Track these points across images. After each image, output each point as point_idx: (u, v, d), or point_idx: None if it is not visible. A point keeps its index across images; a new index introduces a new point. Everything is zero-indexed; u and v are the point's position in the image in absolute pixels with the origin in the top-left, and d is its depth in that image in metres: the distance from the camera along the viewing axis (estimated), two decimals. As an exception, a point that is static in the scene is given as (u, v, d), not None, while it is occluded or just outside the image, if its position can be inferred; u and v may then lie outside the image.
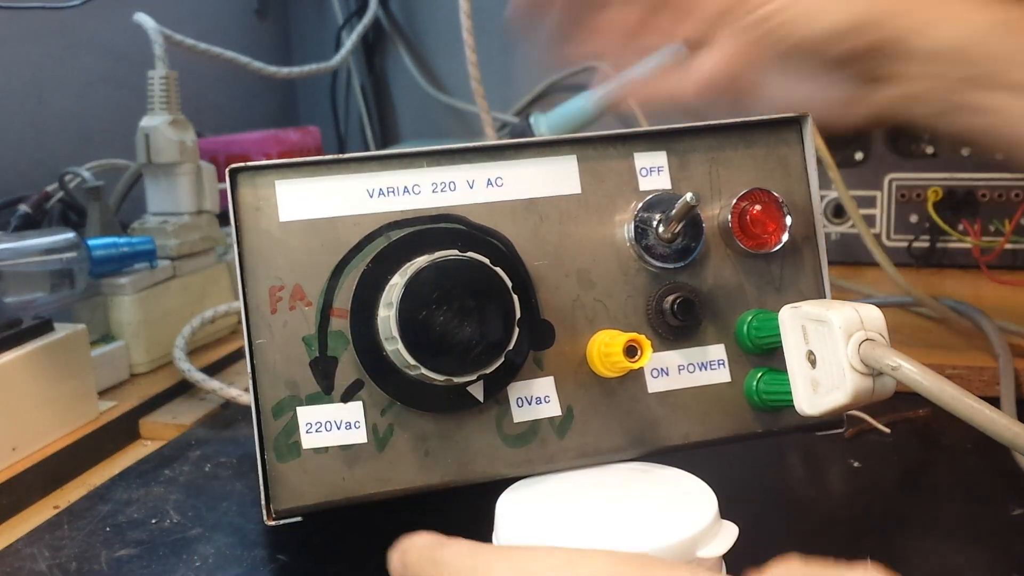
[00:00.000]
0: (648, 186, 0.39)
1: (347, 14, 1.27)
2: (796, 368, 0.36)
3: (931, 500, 0.51)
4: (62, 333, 0.59)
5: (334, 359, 0.36)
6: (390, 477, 0.36)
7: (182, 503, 0.52)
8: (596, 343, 0.37)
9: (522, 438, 0.37)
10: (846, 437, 0.58)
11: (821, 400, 0.35)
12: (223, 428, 0.62)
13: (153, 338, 0.71)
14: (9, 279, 0.62)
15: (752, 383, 0.39)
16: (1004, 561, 0.44)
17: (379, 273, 0.36)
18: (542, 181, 0.38)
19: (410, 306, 0.33)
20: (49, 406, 0.57)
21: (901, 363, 0.32)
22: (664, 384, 0.39)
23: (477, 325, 0.33)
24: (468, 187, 0.37)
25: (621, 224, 0.39)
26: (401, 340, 0.33)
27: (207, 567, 0.46)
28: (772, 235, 0.39)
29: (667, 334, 0.39)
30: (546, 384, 0.37)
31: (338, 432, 0.35)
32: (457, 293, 0.33)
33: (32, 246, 0.65)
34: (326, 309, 0.36)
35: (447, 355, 0.33)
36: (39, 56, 0.91)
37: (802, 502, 0.51)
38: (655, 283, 0.39)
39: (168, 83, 0.75)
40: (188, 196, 0.76)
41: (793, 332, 0.36)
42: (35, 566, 0.46)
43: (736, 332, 0.39)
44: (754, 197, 0.39)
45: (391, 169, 0.37)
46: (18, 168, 0.87)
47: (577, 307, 0.38)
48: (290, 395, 0.35)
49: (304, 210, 0.36)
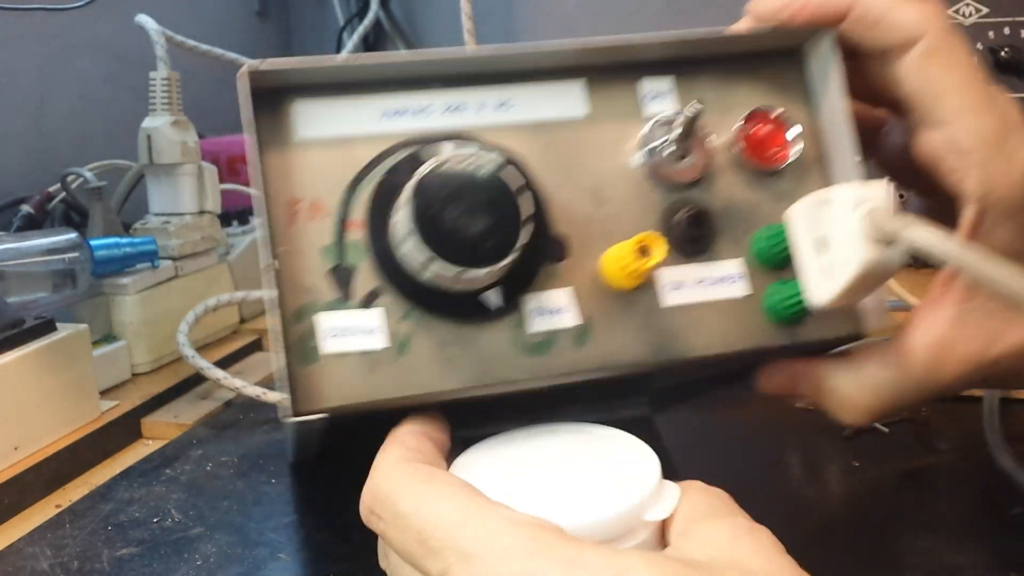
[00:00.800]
0: (655, 109, 0.40)
1: (348, 15, 1.28)
2: (807, 260, 0.36)
3: (930, 499, 0.51)
4: (64, 333, 0.59)
5: (352, 268, 0.36)
6: (411, 382, 0.36)
7: (184, 502, 0.52)
8: (610, 254, 0.38)
9: (540, 347, 0.37)
10: (845, 437, 0.58)
11: (833, 283, 0.35)
12: (224, 427, 0.63)
13: (155, 338, 0.71)
14: (11, 279, 0.63)
15: (769, 295, 0.39)
16: (1003, 560, 0.44)
17: (393, 185, 0.37)
18: (551, 104, 0.39)
19: (424, 201, 0.34)
20: (51, 405, 0.58)
21: (911, 224, 0.32)
22: (681, 298, 0.39)
23: (488, 220, 0.34)
24: (478, 109, 0.38)
25: (631, 144, 0.40)
26: (416, 232, 0.34)
27: (208, 566, 0.46)
28: (782, 151, 0.40)
29: (682, 248, 0.39)
30: (562, 296, 0.38)
31: (358, 337, 0.36)
32: (468, 190, 0.34)
33: (34, 246, 0.65)
34: (343, 221, 0.37)
35: (459, 247, 0.34)
36: (41, 57, 0.91)
37: (801, 501, 0.51)
38: (667, 200, 0.39)
39: (170, 84, 0.75)
40: (190, 197, 0.76)
41: (802, 223, 0.36)
42: (37, 565, 0.46)
43: (751, 247, 0.40)
44: (760, 116, 0.40)
45: (404, 91, 0.38)
46: (20, 169, 0.88)
47: (591, 223, 0.38)
48: (309, 301, 0.36)
49: (320, 129, 0.37)
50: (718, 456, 0.58)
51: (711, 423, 0.62)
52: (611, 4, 1.19)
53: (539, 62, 0.39)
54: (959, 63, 0.37)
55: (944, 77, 0.36)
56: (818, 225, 0.36)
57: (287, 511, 0.51)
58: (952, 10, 0.81)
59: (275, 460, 0.58)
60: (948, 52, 0.36)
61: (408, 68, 0.38)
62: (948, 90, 0.36)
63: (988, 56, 0.80)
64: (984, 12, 0.81)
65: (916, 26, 0.36)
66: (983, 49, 0.80)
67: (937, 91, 0.37)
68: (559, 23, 1.23)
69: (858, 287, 0.35)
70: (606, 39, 0.39)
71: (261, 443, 0.60)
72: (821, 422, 0.60)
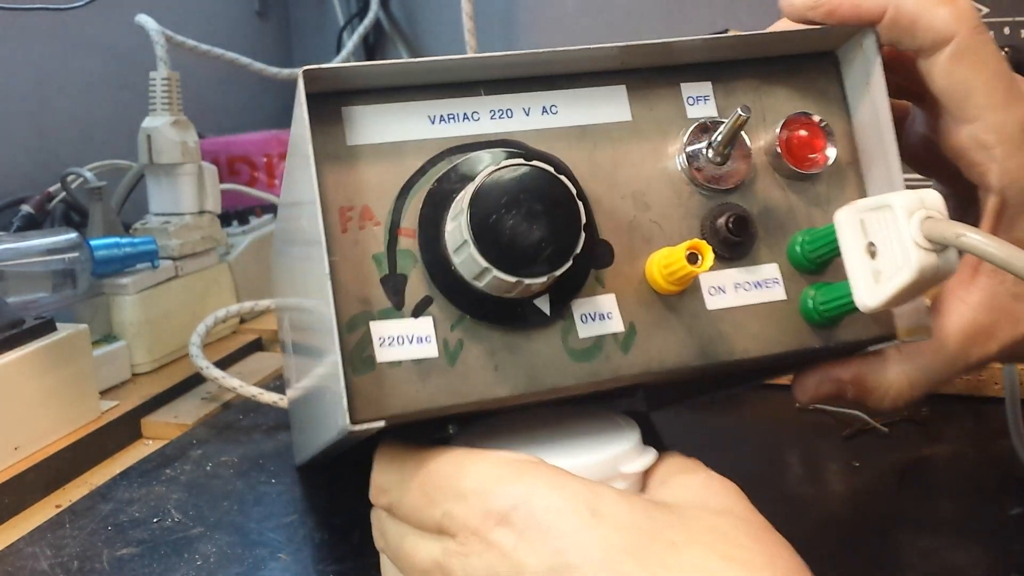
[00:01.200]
0: (695, 114, 0.40)
1: (348, 15, 1.28)
2: (856, 264, 0.37)
3: (930, 499, 0.51)
4: (64, 333, 0.59)
5: (403, 276, 0.37)
6: (462, 390, 0.36)
7: (183, 502, 0.52)
8: (655, 260, 0.38)
9: (587, 353, 0.38)
10: (845, 437, 0.58)
11: (885, 287, 0.35)
12: (224, 427, 0.63)
13: (155, 338, 0.71)
14: (11, 279, 0.63)
15: (807, 299, 0.40)
16: (1002, 560, 0.44)
17: (444, 192, 0.37)
18: (594, 109, 0.40)
19: (480, 210, 0.34)
20: (51, 405, 0.58)
21: (966, 231, 0.33)
22: (722, 302, 0.39)
23: (546, 228, 0.34)
24: (524, 114, 0.39)
25: (672, 149, 0.40)
26: (473, 243, 0.34)
27: (208, 566, 0.46)
28: (818, 156, 0.40)
29: (722, 253, 0.39)
30: (608, 301, 0.38)
31: (410, 347, 0.36)
32: (525, 198, 0.34)
33: (34, 246, 0.65)
34: (394, 228, 0.37)
35: (518, 256, 0.34)
36: (41, 57, 0.91)
37: (802, 501, 0.52)
38: (708, 204, 0.40)
39: (170, 84, 0.75)
40: (190, 197, 0.76)
41: (850, 228, 0.37)
42: (37, 565, 0.46)
43: (788, 251, 0.40)
44: (798, 122, 0.40)
45: (451, 97, 0.38)
46: (20, 169, 0.88)
47: (634, 228, 0.39)
48: (363, 311, 0.36)
49: (370, 135, 0.37)
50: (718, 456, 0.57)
51: (711, 423, 0.62)
52: (610, 4, 1.20)
53: (582, 65, 0.39)
54: (987, 63, 0.38)
55: (972, 76, 0.38)
56: (869, 230, 0.36)
57: (287, 511, 0.52)
58: (952, 10, 0.81)
59: (275, 460, 0.58)
60: (977, 52, 0.38)
61: (458, 70, 0.38)
62: (975, 89, 0.38)
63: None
64: (984, 12, 0.81)
65: (948, 27, 0.38)
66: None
67: (965, 90, 0.38)
68: (559, 23, 1.23)
69: (910, 291, 0.35)
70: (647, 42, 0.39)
71: (261, 443, 0.60)
72: (821, 422, 0.60)
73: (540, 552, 0.31)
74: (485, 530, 0.32)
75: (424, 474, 0.35)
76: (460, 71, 0.38)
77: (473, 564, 0.32)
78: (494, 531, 0.32)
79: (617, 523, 0.31)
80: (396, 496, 0.36)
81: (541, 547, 0.31)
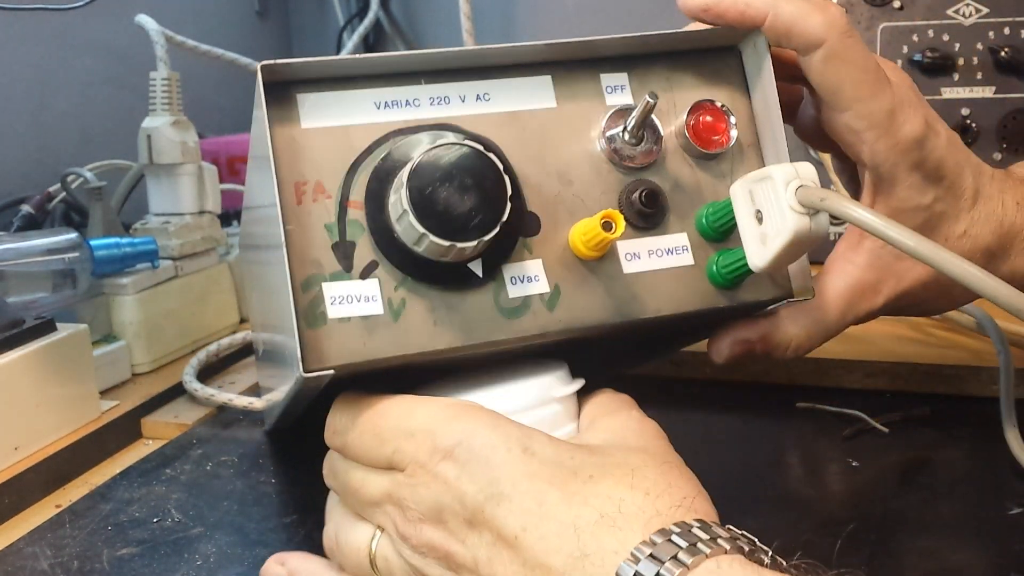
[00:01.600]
0: (613, 101, 0.45)
1: (348, 15, 1.28)
2: (747, 228, 0.42)
3: (929, 499, 0.51)
4: (64, 333, 0.59)
5: (352, 243, 0.41)
6: (405, 342, 0.41)
7: (183, 502, 0.52)
8: (577, 229, 0.43)
9: (516, 311, 0.42)
10: (845, 437, 0.58)
11: (769, 248, 0.40)
12: (224, 427, 0.63)
13: (155, 338, 0.71)
14: (12, 279, 0.63)
15: (712, 263, 0.45)
16: (1002, 560, 0.45)
17: (387, 169, 0.41)
18: (523, 97, 0.44)
19: (418, 183, 0.38)
20: (51, 405, 0.58)
21: (828, 196, 0.38)
22: (637, 266, 0.44)
23: (475, 198, 0.39)
24: (460, 101, 0.43)
25: (593, 132, 0.45)
26: (412, 212, 0.38)
27: (208, 566, 0.46)
28: (721, 138, 0.45)
29: (637, 223, 0.44)
30: (535, 265, 0.43)
31: (358, 304, 0.41)
32: (457, 173, 0.39)
33: (34, 246, 0.65)
34: (344, 201, 0.41)
35: (451, 223, 0.38)
36: (41, 57, 0.91)
37: (801, 501, 0.52)
38: (625, 181, 0.45)
39: (170, 84, 0.75)
40: (190, 197, 0.76)
41: (742, 198, 0.42)
42: (37, 565, 0.46)
43: (696, 221, 0.45)
44: (703, 108, 0.45)
45: (394, 85, 0.43)
46: (20, 169, 0.88)
47: (559, 201, 0.43)
48: (316, 273, 0.40)
49: (322, 119, 0.42)
50: (718, 456, 0.58)
51: (711, 423, 0.62)
52: (610, 4, 1.20)
53: (512, 58, 0.44)
54: (855, 61, 0.44)
55: (842, 73, 0.44)
56: (756, 199, 0.41)
57: (287, 511, 0.52)
58: (952, 10, 0.81)
59: (275, 460, 0.58)
60: (845, 53, 0.44)
61: (397, 65, 0.42)
62: (845, 83, 0.45)
63: (988, 56, 0.80)
64: (984, 12, 0.81)
65: (820, 32, 0.44)
66: (983, 49, 0.81)
67: (836, 84, 0.45)
68: (558, 23, 1.23)
69: (790, 252, 0.40)
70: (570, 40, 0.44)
71: (261, 443, 0.60)
72: (821, 422, 0.60)
73: (478, 481, 0.36)
74: (432, 464, 0.37)
75: (376, 416, 0.39)
76: (400, 66, 0.43)
77: (421, 493, 0.37)
78: (440, 464, 0.36)
79: (544, 459, 0.36)
80: (350, 437, 0.40)
81: (480, 477, 0.36)
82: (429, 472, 0.37)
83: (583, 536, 0.33)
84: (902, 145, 0.45)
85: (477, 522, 0.35)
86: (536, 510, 0.34)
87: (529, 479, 0.35)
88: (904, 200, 0.46)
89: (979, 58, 0.81)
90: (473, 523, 0.35)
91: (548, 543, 0.34)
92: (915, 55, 0.81)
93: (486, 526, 0.35)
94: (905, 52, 0.82)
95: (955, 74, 0.81)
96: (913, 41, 0.82)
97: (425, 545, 0.37)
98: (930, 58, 0.81)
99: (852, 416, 0.60)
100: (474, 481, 0.36)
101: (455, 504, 0.36)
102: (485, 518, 0.35)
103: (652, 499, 0.34)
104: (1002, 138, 0.81)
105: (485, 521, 0.35)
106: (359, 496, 0.40)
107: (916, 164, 0.46)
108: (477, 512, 0.35)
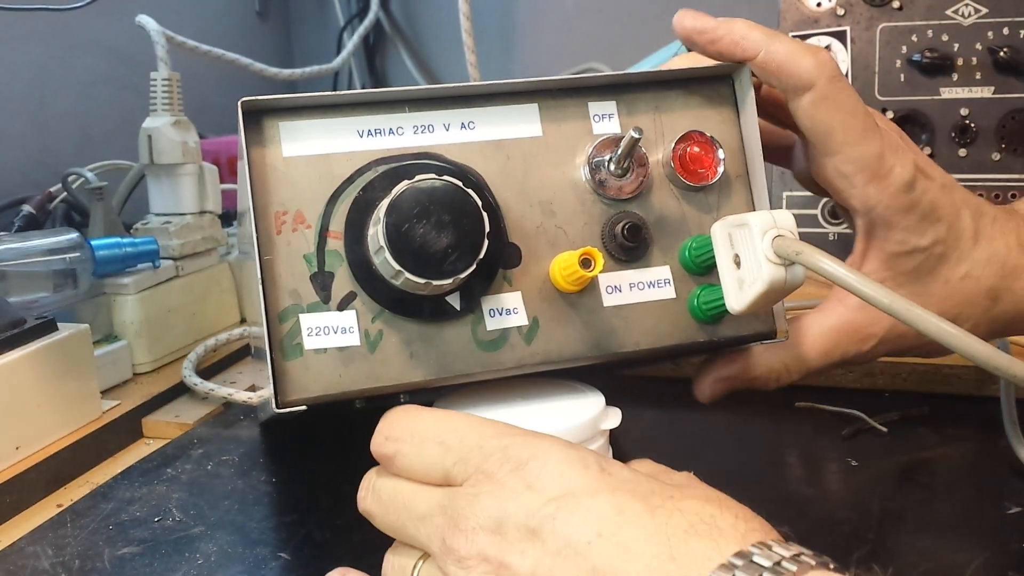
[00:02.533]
0: (600, 130, 0.45)
1: (348, 16, 1.28)
2: (726, 272, 0.42)
3: (928, 499, 0.51)
4: (65, 333, 0.59)
5: (331, 274, 0.41)
6: (381, 374, 0.41)
7: (184, 501, 0.52)
8: (557, 262, 0.42)
9: (494, 344, 0.42)
10: (844, 436, 0.58)
11: (745, 294, 0.40)
12: (225, 427, 0.63)
13: (156, 338, 0.71)
14: (13, 279, 0.63)
15: (694, 298, 0.44)
16: (1001, 559, 0.45)
17: (368, 200, 0.41)
18: (508, 125, 0.44)
19: (395, 220, 0.38)
20: (52, 405, 0.58)
21: (803, 249, 0.38)
22: (617, 299, 0.44)
23: (452, 236, 0.38)
24: (444, 129, 0.43)
25: (578, 161, 0.44)
26: (387, 249, 0.38)
27: (209, 565, 0.46)
28: (708, 170, 0.45)
29: (619, 255, 0.44)
30: (514, 298, 0.42)
31: (335, 336, 0.40)
32: (435, 209, 0.38)
33: (36, 246, 0.65)
34: (323, 231, 0.41)
35: (427, 261, 0.38)
36: (42, 57, 0.91)
37: (800, 500, 0.52)
38: (609, 212, 0.44)
39: (171, 84, 0.75)
40: (191, 197, 0.76)
41: (722, 240, 0.42)
42: (38, 564, 0.46)
43: (679, 255, 0.45)
44: (691, 138, 0.45)
45: (378, 113, 0.42)
46: (21, 169, 0.88)
47: (540, 233, 0.43)
48: (293, 304, 0.40)
49: (304, 147, 0.41)
50: (718, 456, 0.58)
51: (711, 423, 0.62)
52: (609, 4, 1.20)
53: (498, 87, 0.44)
54: (843, 106, 0.44)
55: (830, 118, 0.44)
56: (735, 243, 0.41)
57: (288, 510, 0.52)
58: (951, 10, 0.81)
59: (276, 459, 0.58)
60: (835, 97, 0.44)
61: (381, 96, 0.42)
62: (834, 128, 0.44)
63: (988, 56, 0.80)
64: (984, 12, 0.81)
65: (809, 75, 0.44)
66: (982, 49, 0.81)
67: (825, 129, 0.45)
68: (557, 23, 1.23)
69: (766, 299, 0.40)
70: (560, 77, 0.44)
71: (262, 443, 0.60)
72: (821, 422, 0.60)
73: (552, 491, 0.33)
74: (501, 473, 0.34)
75: (441, 427, 0.37)
76: (384, 97, 0.42)
77: (483, 502, 0.34)
78: (510, 474, 0.34)
79: (622, 479, 0.34)
80: (407, 445, 0.37)
81: (554, 488, 0.33)
82: (496, 481, 0.34)
83: (673, 541, 0.31)
84: (892, 188, 0.45)
85: (543, 531, 0.33)
86: (615, 517, 0.32)
87: (610, 491, 0.33)
88: (900, 243, 0.46)
89: (978, 58, 0.81)
90: (537, 532, 0.33)
91: (628, 548, 0.32)
92: (914, 55, 0.81)
93: (553, 535, 0.33)
94: (904, 52, 0.82)
95: (954, 74, 0.81)
96: (912, 41, 0.82)
97: (476, 555, 0.34)
98: (929, 58, 0.81)
99: (851, 415, 0.60)
100: (547, 491, 0.34)
101: (519, 513, 0.33)
102: (554, 526, 0.33)
103: (743, 521, 0.32)
104: (1001, 138, 0.81)
105: (553, 530, 0.33)
106: (408, 509, 0.37)
107: (909, 207, 0.45)
108: (545, 520, 0.33)
